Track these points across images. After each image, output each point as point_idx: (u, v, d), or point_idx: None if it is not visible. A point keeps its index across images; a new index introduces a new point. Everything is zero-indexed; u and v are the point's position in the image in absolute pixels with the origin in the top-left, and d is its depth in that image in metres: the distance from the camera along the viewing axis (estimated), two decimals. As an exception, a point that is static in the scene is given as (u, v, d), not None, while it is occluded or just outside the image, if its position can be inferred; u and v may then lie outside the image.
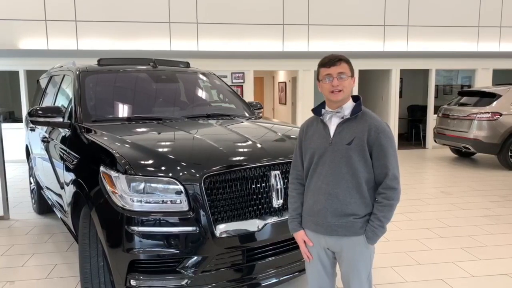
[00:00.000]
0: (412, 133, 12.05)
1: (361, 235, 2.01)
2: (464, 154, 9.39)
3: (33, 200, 5.50)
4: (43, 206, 5.12)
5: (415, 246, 4.13)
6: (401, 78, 11.31)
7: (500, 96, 8.12)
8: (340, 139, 2.00)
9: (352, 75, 2.03)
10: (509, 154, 7.94)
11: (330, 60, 2.00)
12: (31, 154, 5.21)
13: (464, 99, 8.92)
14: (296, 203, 2.18)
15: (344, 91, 1.99)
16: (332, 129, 2.04)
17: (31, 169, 5.41)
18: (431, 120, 10.69)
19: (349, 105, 2.05)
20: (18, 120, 9.52)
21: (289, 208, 2.21)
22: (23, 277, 3.54)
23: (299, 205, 2.17)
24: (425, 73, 11.44)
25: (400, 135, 11.72)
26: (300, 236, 2.16)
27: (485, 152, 8.29)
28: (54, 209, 4.12)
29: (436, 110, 9.86)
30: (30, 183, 5.62)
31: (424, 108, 11.56)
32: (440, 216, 5.11)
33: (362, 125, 1.99)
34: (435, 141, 9.47)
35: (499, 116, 7.91)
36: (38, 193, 5.08)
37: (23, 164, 7.52)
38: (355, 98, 2.08)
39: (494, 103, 8.06)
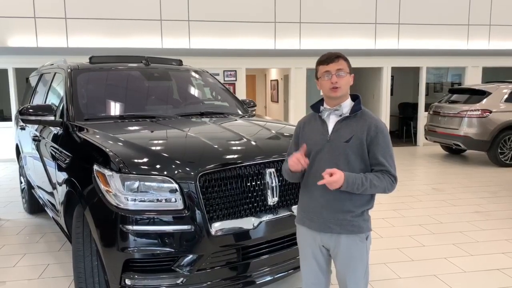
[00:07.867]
0: (403, 130, 12.14)
1: (356, 233, 2.01)
2: (454, 151, 9.47)
3: (23, 200, 5.43)
4: (34, 206, 5.06)
5: (407, 243, 4.16)
6: (392, 76, 11.37)
7: (490, 93, 8.20)
8: (338, 136, 2.01)
9: (351, 72, 2.03)
10: (499, 151, 8.04)
11: (328, 58, 2.00)
12: (21, 153, 5.15)
13: (455, 97, 9.00)
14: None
15: (342, 88, 1.99)
16: (330, 126, 2.05)
17: (21, 168, 5.34)
18: (422, 117, 10.76)
19: (348, 103, 2.06)
20: (8, 119, 9.40)
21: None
22: (15, 277, 3.49)
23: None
24: (416, 71, 11.53)
25: (391, 133, 11.67)
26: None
27: (475, 149, 8.37)
28: (46, 208, 4.08)
29: (427, 107, 9.94)
30: (21, 182, 5.55)
31: (415, 106, 11.64)
32: (432, 212, 5.16)
33: (361, 124, 2.00)
34: (426, 138, 9.54)
35: (489, 113, 7.99)
36: (29, 192, 5.02)
37: (13, 163, 7.43)
38: (353, 97, 2.08)
39: (484, 100, 8.15)
